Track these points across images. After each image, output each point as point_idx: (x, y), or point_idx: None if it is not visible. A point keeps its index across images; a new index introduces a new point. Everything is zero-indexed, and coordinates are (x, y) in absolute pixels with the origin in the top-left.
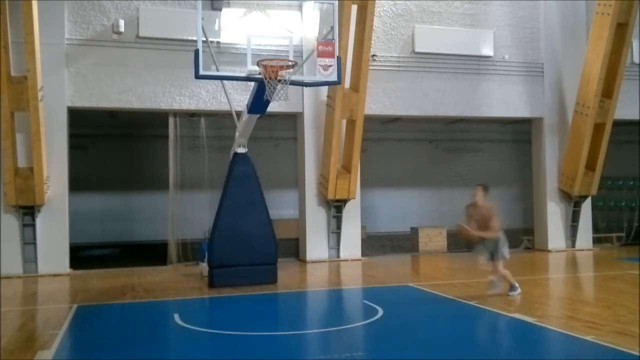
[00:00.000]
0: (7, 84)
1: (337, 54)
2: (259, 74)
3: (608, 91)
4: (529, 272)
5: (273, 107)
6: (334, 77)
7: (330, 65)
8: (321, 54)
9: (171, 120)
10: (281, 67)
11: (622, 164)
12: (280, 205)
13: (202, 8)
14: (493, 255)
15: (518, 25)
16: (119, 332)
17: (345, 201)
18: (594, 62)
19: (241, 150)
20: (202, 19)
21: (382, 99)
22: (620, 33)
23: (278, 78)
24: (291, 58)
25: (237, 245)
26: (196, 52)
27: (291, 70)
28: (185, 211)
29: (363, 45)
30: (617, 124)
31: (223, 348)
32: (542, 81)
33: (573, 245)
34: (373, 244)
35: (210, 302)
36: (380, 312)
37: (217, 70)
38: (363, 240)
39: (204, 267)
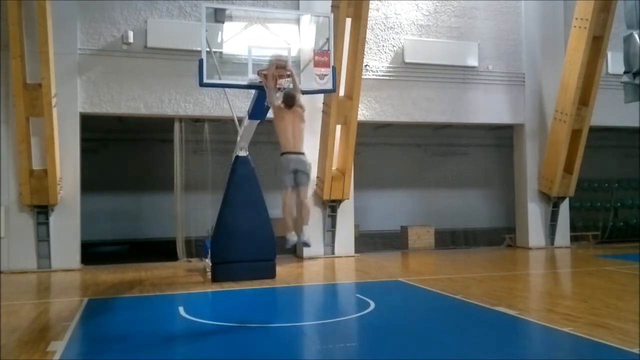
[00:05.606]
0: (23, 90)
1: (332, 64)
2: (259, 82)
3: (585, 99)
4: (511, 268)
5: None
6: (329, 86)
7: (325, 75)
8: (317, 64)
9: (177, 125)
10: (280, 76)
11: (598, 168)
12: (278, 205)
13: (206, 21)
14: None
15: (501, 37)
16: (127, 324)
17: (339, 201)
18: (572, 72)
19: (242, 153)
20: (206, 30)
21: (374, 106)
22: (596, 45)
23: (277, 86)
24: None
25: (238, 242)
26: (200, 61)
27: (289, 79)
28: (190, 211)
29: (356, 56)
30: (593, 130)
31: (225, 339)
32: (523, 90)
33: (552, 243)
34: (365, 241)
35: (212, 295)
36: (372, 305)
37: (220, 78)
38: (356, 238)
39: (207, 263)
